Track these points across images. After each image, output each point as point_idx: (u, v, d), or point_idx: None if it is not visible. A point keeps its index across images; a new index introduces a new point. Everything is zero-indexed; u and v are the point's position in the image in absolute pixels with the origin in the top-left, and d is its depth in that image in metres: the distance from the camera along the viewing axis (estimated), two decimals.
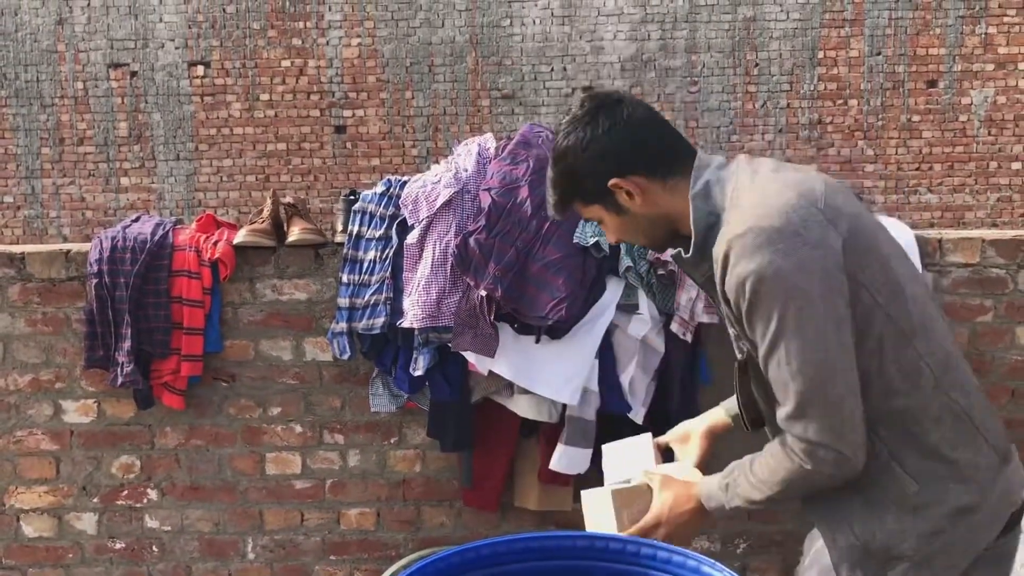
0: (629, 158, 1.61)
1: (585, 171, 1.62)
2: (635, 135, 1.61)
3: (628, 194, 1.61)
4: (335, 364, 2.89)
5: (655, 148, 1.61)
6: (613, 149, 1.60)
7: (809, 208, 1.47)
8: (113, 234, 2.86)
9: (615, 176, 1.60)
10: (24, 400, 2.94)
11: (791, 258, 1.42)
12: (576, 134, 1.62)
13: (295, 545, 2.99)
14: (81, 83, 10.53)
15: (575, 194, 1.65)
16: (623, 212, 1.63)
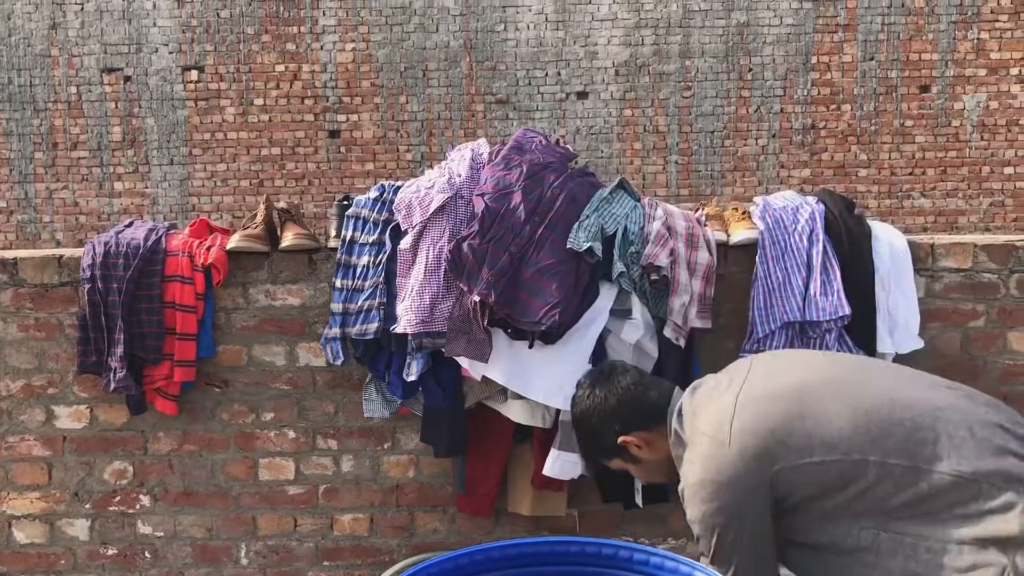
0: (630, 418, 2.01)
1: (599, 433, 2.03)
2: (628, 398, 2.03)
3: (637, 447, 2.01)
4: (328, 369, 2.89)
5: (646, 407, 2.01)
6: (613, 412, 2.02)
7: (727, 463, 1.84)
8: (106, 239, 2.85)
9: (621, 435, 2.01)
10: (16, 406, 2.93)
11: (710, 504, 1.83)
12: (585, 403, 2.07)
13: (288, 551, 2.99)
14: (75, 88, 10.52)
15: (598, 452, 2.07)
16: (638, 462, 2.04)
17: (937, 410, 1.78)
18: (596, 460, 2.09)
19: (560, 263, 2.65)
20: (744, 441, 1.81)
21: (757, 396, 1.87)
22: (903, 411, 1.77)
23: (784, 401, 1.84)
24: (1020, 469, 1.68)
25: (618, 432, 2.00)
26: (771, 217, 2.86)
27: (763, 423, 1.82)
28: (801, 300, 2.74)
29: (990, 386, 2.91)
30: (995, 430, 1.76)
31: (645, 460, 2.02)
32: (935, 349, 2.89)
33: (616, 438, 2.01)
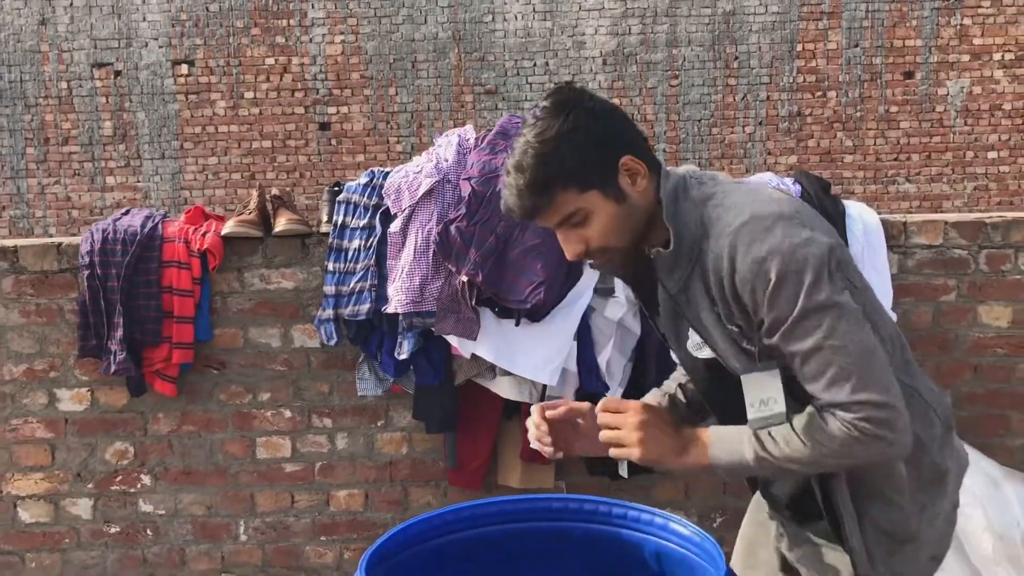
0: (633, 137, 1.50)
1: (591, 148, 1.44)
2: (626, 118, 1.52)
3: (632, 177, 1.48)
4: (322, 350, 2.98)
5: (640, 135, 1.52)
6: (618, 126, 1.49)
7: (794, 200, 1.52)
8: (104, 227, 2.94)
9: (627, 152, 1.47)
10: (19, 389, 3.01)
11: (803, 234, 1.40)
12: (573, 116, 1.45)
13: (286, 527, 3.08)
14: (65, 83, 10.56)
15: (571, 179, 1.44)
16: (622, 199, 1.47)
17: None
18: (556, 192, 1.45)
19: (544, 243, 2.74)
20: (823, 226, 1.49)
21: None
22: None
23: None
24: None
25: (624, 149, 1.47)
26: None
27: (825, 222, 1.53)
28: None
29: (961, 357, 3.03)
30: None
31: (630, 201, 1.47)
32: (908, 323, 2.99)
33: (619, 156, 1.46)
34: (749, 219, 1.42)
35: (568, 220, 1.48)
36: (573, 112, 1.45)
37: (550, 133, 1.44)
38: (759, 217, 1.42)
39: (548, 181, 1.44)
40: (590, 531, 1.64)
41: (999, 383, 3.04)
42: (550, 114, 1.46)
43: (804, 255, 1.38)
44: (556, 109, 1.46)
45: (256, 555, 3.09)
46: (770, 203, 1.45)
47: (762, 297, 1.40)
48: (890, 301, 2.93)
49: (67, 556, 3.08)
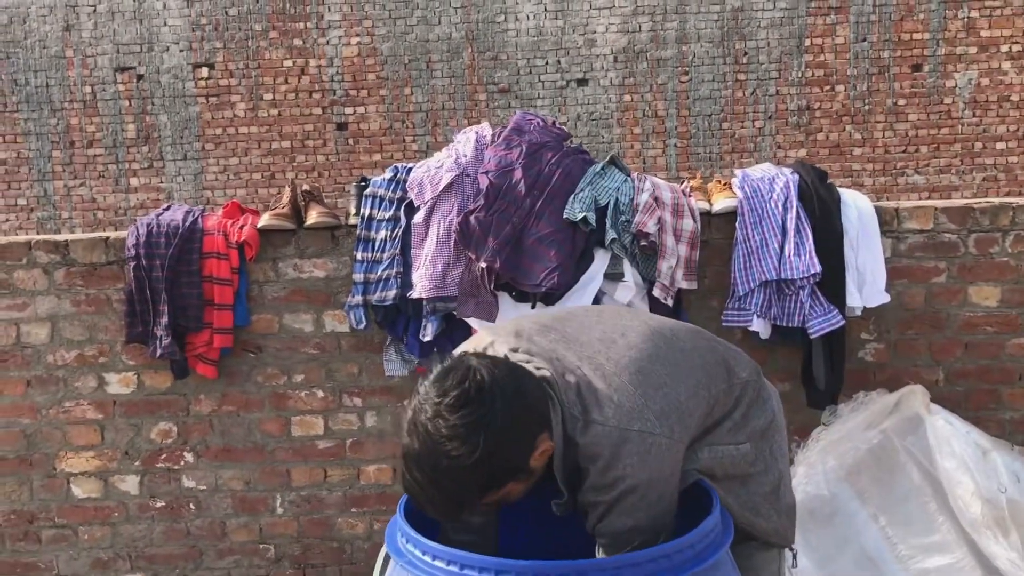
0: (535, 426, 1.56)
1: (507, 460, 1.51)
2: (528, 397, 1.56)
3: (542, 455, 1.57)
4: (352, 334, 3.19)
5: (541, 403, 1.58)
6: (526, 426, 1.53)
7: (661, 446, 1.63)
8: (148, 221, 3.15)
9: (537, 438, 1.55)
10: (71, 374, 3.24)
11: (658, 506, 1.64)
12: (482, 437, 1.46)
13: (319, 500, 3.30)
14: (89, 87, 10.83)
15: (491, 485, 1.53)
16: (531, 475, 1.58)
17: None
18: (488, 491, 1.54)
19: (558, 232, 2.94)
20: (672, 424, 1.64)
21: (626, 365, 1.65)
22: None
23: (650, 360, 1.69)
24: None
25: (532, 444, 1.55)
26: (749, 187, 3.15)
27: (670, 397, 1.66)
28: (777, 261, 3.04)
29: (953, 335, 3.21)
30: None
31: (534, 471, 1.59)
32: (901, 303, 3.18)
33: (530, 452, 1.55)
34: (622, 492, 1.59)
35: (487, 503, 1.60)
36: (487, 434, 1.46)
37: (468, 460, 1.46)
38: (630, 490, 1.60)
39: (469, 495, 1.53)
40: None
41: (989, 359, 3.21)
42: (462, 437, 1.46)
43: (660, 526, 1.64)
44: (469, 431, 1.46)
45: (292, 527, 3.31)
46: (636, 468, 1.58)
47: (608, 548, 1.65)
48: (883, 283, 3.11)
49: (116, 529, 3.31)
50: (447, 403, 1.48)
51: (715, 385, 1.78)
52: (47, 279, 3.19)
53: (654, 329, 1.78)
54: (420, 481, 1.53)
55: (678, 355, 1.74)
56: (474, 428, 1.47)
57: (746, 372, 1.89)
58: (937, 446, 2.93)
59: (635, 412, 1.60)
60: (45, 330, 3.21)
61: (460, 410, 1.47)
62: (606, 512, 1.60)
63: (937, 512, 2.91)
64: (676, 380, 1.69)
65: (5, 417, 3.24)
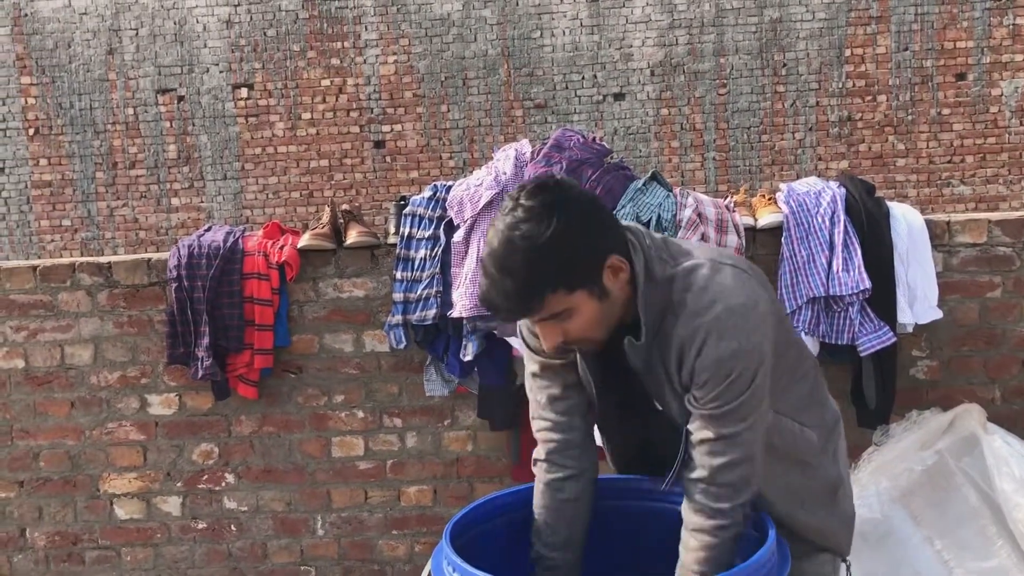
0: (617, 234, 1.57)
1: (579, 252, 1.50)
2: (606, 214, 1.58)
3: (614, 274, 1.55)
4: (392, 354, 3.17)
5: (619, 228, 1.59)
6: (601, 228, 1.54)
7: (754, 270, 1.67)
8: (189, 242, 3.17)
9: (612, 252, 1.54)
10: (114, 395, 3.25)
11: (760, 330, 1.56)
12: (561, 219, 1.48)
13: (360, 521, 3.27)
14: (131, 109, 11.01)
15: (560, 282, 1.50)
16: (605, 296, 1.55)
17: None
18: (544, 295, 1.50)
19: None
20: (761, 278, 1.66)
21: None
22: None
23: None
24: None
25: (610, 249, 1.54)
26: (795, 201, 3.08)
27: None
28: (825, 277, 2.96)
29: (1008, 352, 3.11)
30: None
31: (612, 297, 1.55)
32: (955, 319, 3.09)
33: (606, 257, 1.53)
34: (721, 312, 1.54)
35: (553, 318, 1.55)
36: (561, 215, 1.49)
37: (541, 239, 1.47)
38: (729, 310, 1.55)
39: (538, 286, 1.50)
40: (649, 508, 1.78)
41: None
42: (538, 215, 1.49)
43: (758, 360, 1.56)
44: (544, 210, 1.49)
45: (333, 549, 3.29)
46: (733, 290, 1.56)
47: (712, 386, 1.56)
48: (935, 299, 3.03)
49: (159, 551, 3.31)
50: (525, 193, 1.53)
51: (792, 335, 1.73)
52: (90, 301, 3.21)
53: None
54: (493, 274, 1.51)
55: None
56: (548, 209, 1.49)
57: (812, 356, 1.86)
58: (995, 467, 2.83)
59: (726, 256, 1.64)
60: (88, 352, 3.23)
61: (536, 196, 1.51)
62: (706, 338, 1.54)
63: (996, 536, 2.81)
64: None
65: (50, 439, 3.26)
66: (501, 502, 1.75)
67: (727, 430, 1.58)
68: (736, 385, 1.55)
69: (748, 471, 1.60)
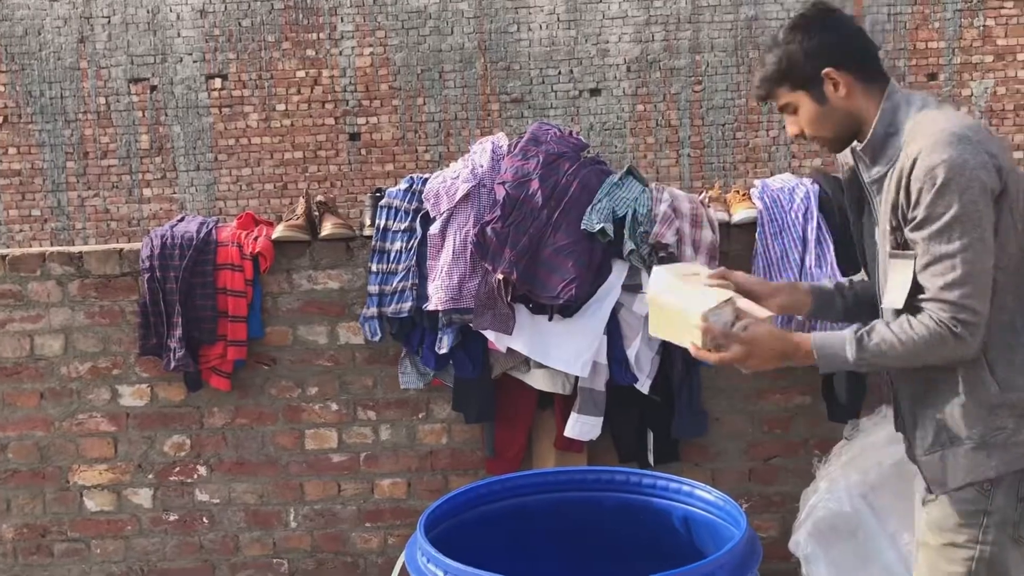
0: (844, 55, 1.87)
1: (805, 56, 1.86)
2: (853, 39, 1.89)
3: (834, 85, 1.86)
4: (367, 346, 3.16)
5: (864, 55, 1.89)
6: (833, 43, 1.86)
7: (984, 131, 1.81)
8: (162, 232, 3.14)
9: (830, 66, 1.86)
10: (84, 386, 3.22)
11: (976, 158, 1.71)
12: (804, 26, 1.88)
13: (333, 514, 3.26)
14: (103, 98, 10.87)
15: (786, 77, 1.89)
16: (823, 102, 1.88)
17: None
18: (777, 84, 1.90)
19: (575, 243, 2.91)
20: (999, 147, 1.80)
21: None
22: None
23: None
24: None
25: (829, 62, 1.85)
26: (769, 197, 3.11)
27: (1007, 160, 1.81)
28: (798, 272, 2.99)
29: None
30: None
31: (831, 105, 1.87)
32: None
33: (823, 67, 1.85)
34: (940, 131, 1.75)
35: (785, 109, 1.94)
36: (802, 27, 1.88)
37: (778, 40, 1.91)
38: (948, 132, 1.74)
39: (771, 77, 1.91)
40: (622, 499, 1.80)
41: None
42: (792, 26, 1.91)
43: (973, 175, 1.71)
44: (797, 20, 1.92)
45: (306, 541, 3.27)
46: (964, 127, 1.75)
47: (925, 196, 1.73)
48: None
49: (129, 543, 3.28)
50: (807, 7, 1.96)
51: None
52: (61, 291, 3.18)
53: None
54: (761, 56, 1.99)
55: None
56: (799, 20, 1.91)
57: None
58: None
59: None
60: (59, 342, 3.19)
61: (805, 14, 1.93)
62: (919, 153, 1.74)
63: None
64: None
65: (18, 430, 3.23)
66: (475, 494, 1.76)
67: (943, 248, 1.72)
68: (945, 195, 1.70)
69: (970, 292, 1.71)
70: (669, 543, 1.77)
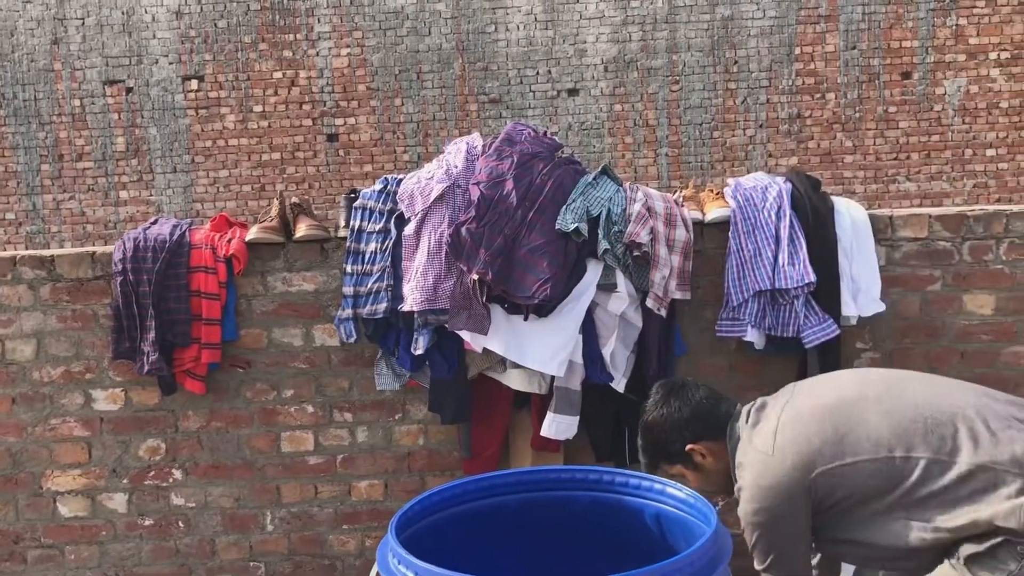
0: (700, 428, 2.19)
1: (668, 440, 2.20)
2: (701, 410, 2.20)
3: (701, 455, 2.19)
4: (342, 348, 3.15)
5: (715, 419, 2.19)
6: (686, 422, 2.19)
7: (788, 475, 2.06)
8: (135, 235, 3.11)
9: (690, 442, 2.18)
10: (57, 391, 3.19)
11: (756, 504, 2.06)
12: (658, 411, 2.22)
13: (310, 516, 3.25)
14: (78, 100, 10.78)
15: (662, 457, 2.22)
16: (700, 469, 2.21)
17: (955, 407, 2.02)
18: (657, 463, 2.24)
19: (550, 243, 2.91)
20: (785, 451, 2.06)
21: (799, 414, 2.13)
22: (924, 409, 2.02)
23: (821, 415, 2.09)
24: None
25: (687, 439, 2.19)
26: (742, 196, 3.13)
27: (802, 435, 2.07)
28: (771, 270, 3.01)
29: (948, 344, 3.19)
30: (1011, 422, 1.99)
31: (706, 469, 2.20)
32: (897, 312, 3.15)
33: (684, 445, 2.19)
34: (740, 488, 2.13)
35: (675, 477, 2.25)
36: (659, 411, 2.23)
37: (644, 426, 2.25)
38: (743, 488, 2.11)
39: (650, 456, 2.25)
40: (595, 498, 1.80)
41: (985, 368, 3.19)
42: (650, 407, 2.28)
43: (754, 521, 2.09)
44: (654, 404, 2.27)
45: (282, 544, 3.26)
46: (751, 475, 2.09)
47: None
48: (878, 292, 3.09)
49: (104, 548, 3.25)
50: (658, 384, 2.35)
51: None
52: (32, 295, 3.15)
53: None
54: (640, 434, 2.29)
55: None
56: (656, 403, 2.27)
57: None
58: None
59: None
60: (31, 347, 3.16)
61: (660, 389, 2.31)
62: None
63: None
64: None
65: None
66: (448, 494, 1.76)
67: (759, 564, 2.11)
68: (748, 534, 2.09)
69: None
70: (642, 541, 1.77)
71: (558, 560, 1.84)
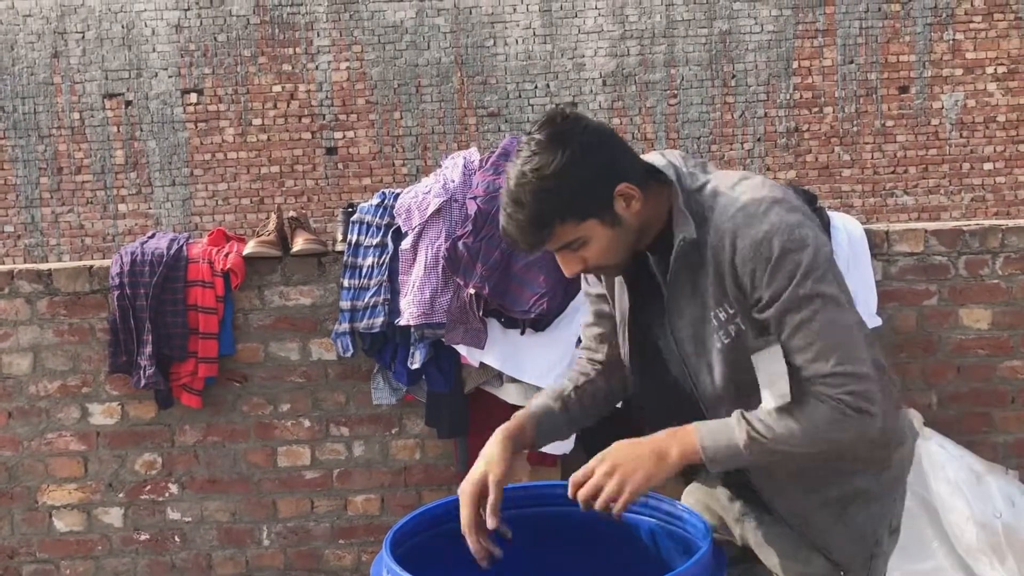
0: (624, 161, 1.57)
1: (588, 182, 1.52)
2: (618, 144, 1.59)
3: (626, 201, 1.56)
4: (339, 362, 3.15)
5: (632, 156, 1.60)
6: (611, 157, 1.56)
7: (782, 187, 1.63)
8: (132, 249, 3.12)
9: (621, 180, 1.55)
10: (53, 405, 3.19)
11: (797, 214, 1.51)
12: (568, 151, 1.51)
13: (306, 531, 3.24)
14: (77, 113, 10.81)
15: (569, 212, 1.53)
16: (618, 223, 1.56)
17: None
18: (554, 225, 1.54)
19: (546, 257, 2.92)
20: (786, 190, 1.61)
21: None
22: None
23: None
24: None
25: (619, 178, 1.54)
26: None
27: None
28: None
29: (944, 359, 3.19)
30: None
31: (625, 224, 1.56)
32: (893, 327, 3.15)
33: (614, 186, 1.53)
34: (746, 203, 1.52)
35: (568, 246, 1.58)
36: (568, 146, 1.52)
37: (547, 170, 1.51)
38: (756, 200, 1.52)
39: (547, 216, 1.53)
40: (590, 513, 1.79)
41: (981, 382, 3.19)
42: (546, 148, 1.53)
43: (801, 235, 1.49)
44: (552, 142, 1.53)
45: (279, 559, 3.25)
46: (763, 187, 1.56)
47: (762, 274, 1.49)
48: (875, 307, 3.09)
49: (100, 563, 3.24)
50: (536, 127, 1.57)
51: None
52: (29, 309, 3.15)
53: None
54: (507, 208, 1.56)
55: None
56: (555, 141, 1.53)
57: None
58: (931, 471, 2.91)
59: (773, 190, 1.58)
60: (27, 360, 3.16)
61: (545, 130, 1.55)
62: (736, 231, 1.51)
63: (932, 538, 2.88)
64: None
65: None
66: (444, 510, 1.75)
67: (799, 317, 1.49)
68: (783, 265, 1.47)
69: (842, 358, 1.49)
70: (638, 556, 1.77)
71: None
